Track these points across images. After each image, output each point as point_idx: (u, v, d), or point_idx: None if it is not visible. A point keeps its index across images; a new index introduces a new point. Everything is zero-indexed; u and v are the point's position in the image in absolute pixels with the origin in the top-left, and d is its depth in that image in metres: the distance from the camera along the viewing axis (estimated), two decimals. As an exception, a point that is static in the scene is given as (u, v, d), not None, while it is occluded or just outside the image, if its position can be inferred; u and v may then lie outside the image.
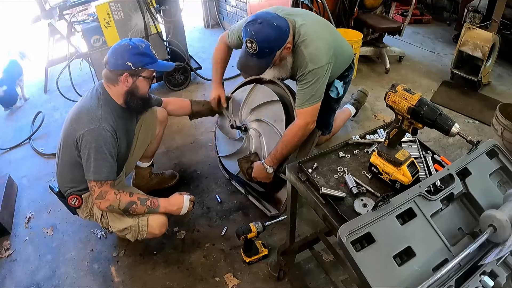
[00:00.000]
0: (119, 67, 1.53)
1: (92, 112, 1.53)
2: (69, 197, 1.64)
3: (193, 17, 4.74)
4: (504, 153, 1.15)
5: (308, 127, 1.79)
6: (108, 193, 1.54)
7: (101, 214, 1.67)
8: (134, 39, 1.60)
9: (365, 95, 2.79)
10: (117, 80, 1.56)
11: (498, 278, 0.90)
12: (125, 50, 1.53)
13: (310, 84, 1.72)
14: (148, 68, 1.60)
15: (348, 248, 0.87)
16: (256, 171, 1.86)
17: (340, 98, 2.20)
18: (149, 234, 1.68)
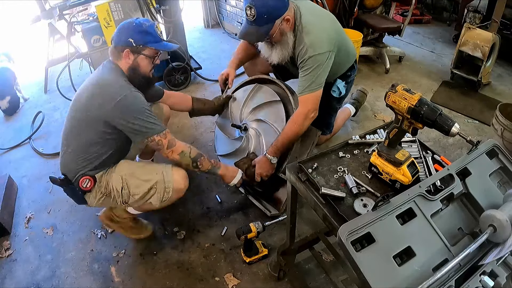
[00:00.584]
0: (122, 43, 1.57)
1: (116, 82, 1.54)
2: (81, 179, 1.59)
3: (193, 17, 4.74)
4: (504, 153, 1.15)
5: (309, 115, 1.79)
6: (176, 140, 1.63)
7: (122, 185, 1.64)
8: (141, 18, 1.63)
9: (364, 94, 2.80)
10: (120, 56, 1.59)
11: (498, 278, 0.90)
12: (129, 27, 1.57)
13: (310, 71, 1.73)
14: (150, 47, 1.61)
15: (348, 248, 0.87)
16: (260, 165, 1.84)
17: (342, 98, 2.20)
18: (174, 191, 1.68)
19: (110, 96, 1.49)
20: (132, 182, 1.65)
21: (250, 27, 1.71)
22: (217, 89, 3.16)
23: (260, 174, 1.86)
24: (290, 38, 1.77)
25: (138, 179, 1.66)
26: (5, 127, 3.05)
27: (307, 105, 1.78)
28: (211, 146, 2.59)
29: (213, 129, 2.41)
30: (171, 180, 1.67)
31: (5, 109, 3.10)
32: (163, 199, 1.68)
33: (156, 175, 1.66)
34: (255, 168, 1.86)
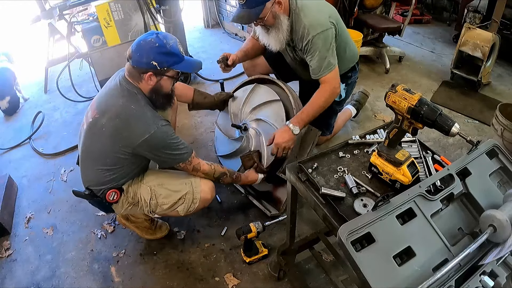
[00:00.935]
0: (143, 65, 1.45)
1: (142, 116, 1.47)
2: (108, 192, 1.58)
3: (193, 17, 4.74)
4: (504, 153, 1.15)
5: (335, 91, 1.83)
6: (201, 164, 1.66)
7: (150, 195, 1.64)
8: (161, 34, 1.48)
9: (366, 96, 2.79)
10: (140, 77, 1.49)
11: (498, 278, 0.90)
12: (151, 48, 1.44)
13: (318, 51, 1.75)
14: (174, 69, 1.53)
15: (348, 248, 0.87)
16: (280, 134, 1.78)
17: (342, 101, 2.19)
18: (202, 201, 1.70)
19: (137, 133, 1.46)
20: (161, 193, 1.66)
21: (242, 10, 1.73)
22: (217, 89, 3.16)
23: (278, 145, 1.77)
24: (284, 22, 1.78)
25: (167, 189, 1.67)
26: (5, 127, 3.05)
27: (330, 83, 1.81)
28: (211, 146, 2.59)
29: (213, 129, 2.41)
30: (199, 191, 1.69)
31: (5, 109, 3.10)
32: (189, 209, 1.70)
33: (185, 186, 1.68)
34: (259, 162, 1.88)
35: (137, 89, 1.52)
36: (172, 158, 1.56)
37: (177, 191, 1.67)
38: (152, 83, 1.51)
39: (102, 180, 1.59)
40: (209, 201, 1.75)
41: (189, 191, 1.67)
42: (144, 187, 1.66)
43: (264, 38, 1.90)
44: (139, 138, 1.46)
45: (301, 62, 1.99)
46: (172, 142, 1.53)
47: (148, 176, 1.69)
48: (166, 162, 1.60)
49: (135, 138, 1.46)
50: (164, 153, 1.53)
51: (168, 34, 1.54)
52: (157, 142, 1.49)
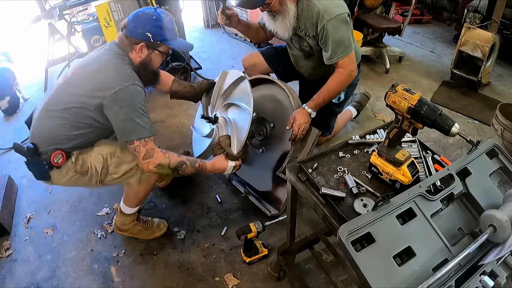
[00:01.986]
0: (138, 35, 1.45)
1: (121, 70, 1.44)
2: (54, 153, 1.48)
3: (193, 17, 4.74)
4: (504, 153, 1.15)
5: (352, 74, 1.82)
6: (155, 151, 1.50)
7: (102, 164, 1.56)
8: (160, 10, 1.50)
9: (367, 97, 2.79)
10: (132, 48, 1.48)
11: (498, 278, 0.90)
12: (148, 20, 1.45)
13: (334, 35, 1.74)
14: (167, 44, 1.52)
15: (348, 248, 0.87)
16: (301, 116, 1.79)
17: (342, 102, 2.19)
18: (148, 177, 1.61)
19: (112, 83, 1.40)
20: (112, 161, 1.57)
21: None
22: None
23: (299, 125, 1.78)
24: (291, 8, 1.77)
25: (119, 158, 1.58)
26: (5, 127, 3.05)
27: (346, 67, 1.80)
28: (211, 146, 2.59)
29: (213, 129, 2.41)
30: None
31: (5, 109, 3.10)
32: (141, 178, 1.62)
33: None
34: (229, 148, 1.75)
35: (125, 54, 1.50)
36: (131, 127, 1.43)
37: (130, 161, 1.58)
38: (143, 56, 1.50)
39: (54, 140, 1.50)
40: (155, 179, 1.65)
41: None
42: (95, 155, 1.56)
43: (271, 25, 1.88)
44: (112, 87, 1.39)
45: (310, 52, 1.97)
46: (140, 108, 1.44)
47: (100, 145, 1.59)
48: (125, 129, 1.45)
49: (109, 85, 1.40)
50: (127, 114, 1.42)
51: (165, 11, 1.53)
52: (127, 97, 1.41)
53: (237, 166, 1.76)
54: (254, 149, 2.16)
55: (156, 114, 3.02)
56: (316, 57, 1.97)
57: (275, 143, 2.06)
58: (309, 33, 1.86)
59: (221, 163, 1.72)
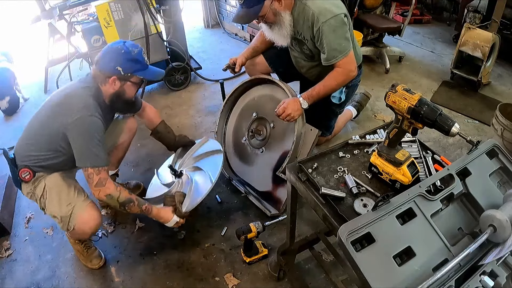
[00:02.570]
0: (109, 70, 1.56)
1: (84, 100, 1.53)
2: (22, 169, 1.58)
3: (193, 17, 4.74)
4: (504, 153, 1.15)
5: (350, 74, 1.83)
6: (108, 181, 1.55)
7: (42, 193, 1.63)
8: (128, 43, 1.60)
9: (367, 97, 2.79)
10: (106, 81, 1.59)
11: (498, 278, 0.90)
12: (117, 54, 1.55)
13: (330, 36, 1.74)
14: (138, 75, 1.62)
15: (348, 248, 0.86)
16: (289, 102, 1.81)
17: (342, 103, 2.17)
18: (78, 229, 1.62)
19: (73, 111, 1.50)
20: (49, 197, 1.63)
21: (241, 10, 1.76)
22: (217, 89, 3.17)
23: (284, 109, 1.80)
24: (286, 17, 1.78)
25: (52, 198, 1.63)
26: (5, 127, 3.05)
27: (346, 66, 1.80)
28: (211, 146, 2.59)
29: (213, 129, 2.41)
30: (75, 218, 1.60)
31: (5, 109, 3.10)
32: (66, 229, 1.64)
33: (66, 208, 1.60)
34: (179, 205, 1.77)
35: (97, 86, 1.60)
36: (87, 154, 1.50)
37: (55, 207, 1.62)
38: (116, 87, 1.60)
39: (24, 158, 1.59)
40: (85, 232, 1.64)
41: (65, 216, 1.60)
42: (42, 182, 1.63)
43: (269, 34, 1.92)
44: (73, 116, 1.48)
45: (310, 55, 1.98)
46: (96, 137, 1.51)
47: (51, 176, 1.64)
48: (80, 155, 1.51)
49: (70, 115, 1.49)
50: (84, 141, 1.50)
51: (134, 43, 1.63)
52: (83, 126, 1.49)
53: (179, 223, 1.77)
54: (254, 149, 2.16)
55: (156, 114, 3.02)
56: (317, 58, 1.97)
57: (275, 143, 2.06)
58: (306, 37, 1.86)
59: (167, 215, 1.74)
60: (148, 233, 2.01)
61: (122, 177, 2.38)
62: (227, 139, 2.34)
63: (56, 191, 1.63)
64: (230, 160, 2.32)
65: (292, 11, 1.81)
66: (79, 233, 1.67)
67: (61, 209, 1.61)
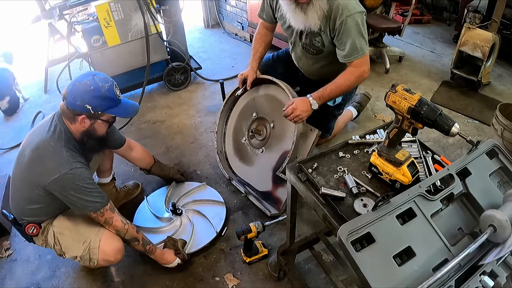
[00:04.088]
0: (78, 107, 1.43)
1: (57, 155, 1.42)
2: (27, 226, 1.55)
3: (193, 17, 4.74)
4: (504, 153, 1.15)
5: (364, 75, 1.79)
6: (114, 219, 1.54)
7: (54, 241, 1.60)
8: (98, 77, 1.46)
9: (367, 98, 2.79)
10: (74, 119, 1.47)
11: (498, 278, 0.90)
12: (86, 91, 1.42)
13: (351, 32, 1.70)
14: (108, 113, 1.51)
15: (348, 248, 0.86)
16: (298, 102, 1.76)
17: (340, 105, 2.16)
18: (102, 261, 1.60)
19: (49, 170, 1.41)
20: (62, 242, 1.60)
21: None
22: (217, 89, 3.17)
23: (293, 110, 1.75)
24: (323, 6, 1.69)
25: (66, 241, 1.60)
26: (5, 127, 3.05)
27: (360, 67, 1.76)
28: (211, 146, 2.59)
29: (213, 129, 2.41)
30: (97, 253, 1.58)
31: (5, 109, 3.11)
32: (90, 265, 1.64)
33: (81, 246, 1.58)
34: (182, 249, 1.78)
35: (66, 128, 1.49)
36: (82, 204, 1.46)
37: (73, 248, 1.59)
38: (86, 126, 1.49)
39: (23, 214, 1.56)
40: (111, 262, 1.63)
41: (84, 254, 1.58)
42: (51, 231, 1.60)
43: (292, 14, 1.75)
44: (50, 176, 1.39)
45: (318, 50, 1.91)
46: (84, 186, 1.44)
47: (57, 220, 1.62)
48: (76, 207, 1.47)
49: (46, 175, 1.40)
50: (74, 196, 1.43)
51: (105, 76, 1.50)
52: (67, 183, 1.41)
53: (180, 263, 1.77)
54: (254, 149, 2.16)
55: (156, 114, 3.02)
56: (324, 56, 1.92)
57: (275, 143, 2.06)
58: (324, 29, 1.79)
59: (170, 257, 1.74)
60: (148, 233, 2.01)
61: (122, 177, 2.39)
62: (227, 139, 2.34)
63: (67, 234, 1.60)
64: (230, 160, 2.32)
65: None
66: (105, 265, 1.67)
67: (79, 249, 1.59)
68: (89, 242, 1.58)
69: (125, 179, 2.35)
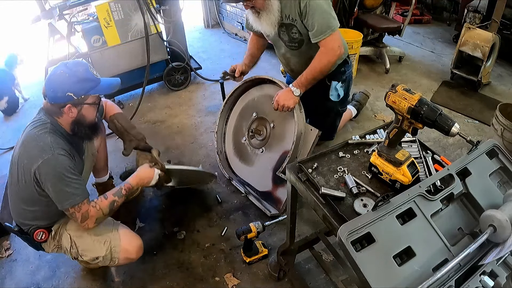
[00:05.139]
0: (60, 100, 1.40)
1: (41, 141, 1.39)
2: (35, 232, 1.51)
3: (193, 17, 4.74)
4: (504, 153, 1.15)
5: (335, 53, 1.78)
6: (89, 210, 1.47)
7: (70, 244, 1.57)
8: (70, 63, 1.44)
9: (367, 96, 2.79)
10: (61, 112, 1.44)
11: (498, 278, 0.90)
12: (63, 80, 1.38)
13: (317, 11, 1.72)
14: (92, 94, 1.47)
15: (348, 248, 0.86)
16: (281, 93, 1.84)
17: (343, 100, 2.15)
18: (123, 259, 1.60)
19: (34, 157, 1.37)
20: (80, 244, 1.57)
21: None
22: (217, 89, 3.17)
23: (277, 101, 1.83)
24: (275, 3, 1.78)
25: (86, 243, 1.57)
26: (5, 127, 3.06)
27: (328, 45, 1.77)
28: (211, 146, 2.59)
29: (213, 129, 2.41)
30: (118, 251, 1.58)
31: (4, 109, 3.10)
32: (110, 264, 1.63)
33: (103, 246, 1.56)
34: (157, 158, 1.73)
35: (54, 121, 1.46)
36: (62, 196, 1.40)
37: (94, 250, 1.57)
38: (74, 115, 1.46)
39: (27, 218, 1.53)
40: (133, 259, 1.63)
41: (106, 253, 1.57)
42: (66, 234, 1.57)
43: (256, 23, 1.89)
44: (35, 163, 1.36)
45: (299, 42, 1.93)
46: (65, 175, 1.38)
47: (71, 223, 1.58)
48: (56, 199, 1.41)
49: (31, 163, 1.37)
50: (55, 185, 1.38)
51: (77, 61, 1.45)
52: (50, 169, 1.37)
53: (161, 175, 1.69)
54: (254, 149, 2.16)
55: (156, 114, 3.02)
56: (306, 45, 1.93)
57: (275, 143, 2.06)
58: (295, 17, 1.82)
59: (146, 172, 1.66)
60: (148, 233, 2.01)
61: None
62: (227, 139, 2.34)
63: (86, 236, 1.57)
64: (230, 160, 2.32)
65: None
66: (125, 263, 1.64)
67: (101, 249, 1.56)
68: (109, 242, 1.57)
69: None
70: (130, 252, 1.60)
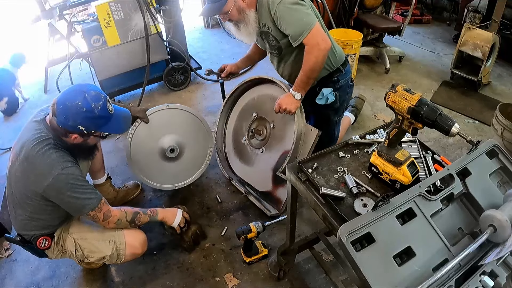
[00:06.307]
0: (70, 128, 1.39)
1: (46, 157, 1.39)
2: (38, 240, 1.53)
3: (193, 17, 4.73)
4: (504, 153, 1.15)
5: (320, 48, 1.73)
6: (111, 210, 1.53)
7: (75, 247, 1.58)
8: (90, 95, 1.39)
9: (362, 101, 2.78)
10: (66, 135, 1.44)
11: (498, 278, 0.90)
12: (78, 113, 1.36)
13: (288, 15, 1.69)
14: (101, 131, 1.49)
15: (348, 248, 0.87)
16: (285, 101, 1.82)
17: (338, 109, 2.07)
18: (129, 255, 1.62)
19: (43, 175, 1.38)
20: (85, 246, 1.59)
21: (207, 4, 1.79)
22: (217, 89, 3.17)
23: (279, 105, 1.82)
24: (251, 15, 1.78)
25: (91, 244, 1.60)
26: (5, 127, 3.05)
27: (311, 42, 1.72)
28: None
29: (213, 129, 2.41)
30: (124, 248, 1.60)
31: (4, 109, 3.10)
32: (116, 262, 1.64)
33: (108, 245, 1.58)
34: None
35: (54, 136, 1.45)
36: (80, 204, 1.43)
37: (100, 250, 1.59)
38: (78, 141, 1.47)
39: (29, 227, 1.53)
40: (139, 254, 1.66)
41: (113, 252, 1.59)
42: (69, 238, 1.59)
43: (237, 35, 1.91)
44: (44, 181, 1.37)
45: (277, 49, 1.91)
46: (79, 184, 1.42)
47: (73, 226, 1.62)
48: (75, 208, 1.45)
49: (40, 181, 1.38)
50: (70, 196, 1.40)
51: (97, 92, 1.42)
52: (62, 184, 1.38)
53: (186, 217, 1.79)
54: (254, 149, 2.16)
55: (156, 114, 3.02)
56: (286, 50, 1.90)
57: (275, 143, 2.06)
58: (269, 25, 1.81)
59: (173, 211, 1.77)
60: (148, 233, 2.00)
61: (122, 176, 2.39)
62: (227, 139, 2.34)
63: (90, 237, 1.60)
64: (230, 160, 2.32)
65: (257, 7, 1.79)
66: (131, 259, 1.66)
67: (107, 248, 1.59)
68: (114, 240, 1.59)
69: (125, 179, 2.35)
70: (135, 247, 1.62)
